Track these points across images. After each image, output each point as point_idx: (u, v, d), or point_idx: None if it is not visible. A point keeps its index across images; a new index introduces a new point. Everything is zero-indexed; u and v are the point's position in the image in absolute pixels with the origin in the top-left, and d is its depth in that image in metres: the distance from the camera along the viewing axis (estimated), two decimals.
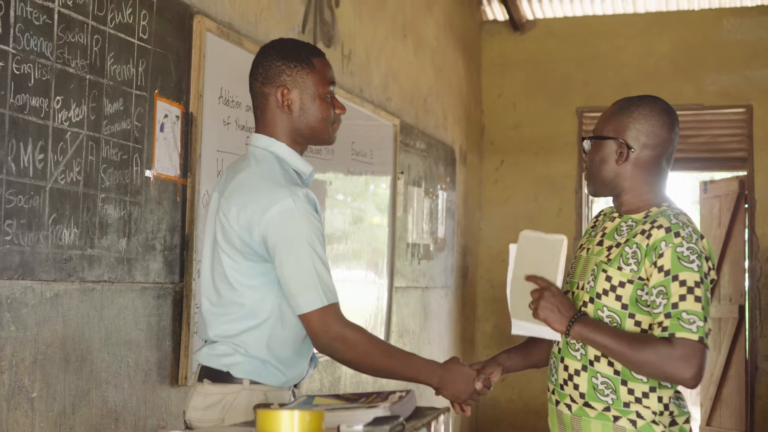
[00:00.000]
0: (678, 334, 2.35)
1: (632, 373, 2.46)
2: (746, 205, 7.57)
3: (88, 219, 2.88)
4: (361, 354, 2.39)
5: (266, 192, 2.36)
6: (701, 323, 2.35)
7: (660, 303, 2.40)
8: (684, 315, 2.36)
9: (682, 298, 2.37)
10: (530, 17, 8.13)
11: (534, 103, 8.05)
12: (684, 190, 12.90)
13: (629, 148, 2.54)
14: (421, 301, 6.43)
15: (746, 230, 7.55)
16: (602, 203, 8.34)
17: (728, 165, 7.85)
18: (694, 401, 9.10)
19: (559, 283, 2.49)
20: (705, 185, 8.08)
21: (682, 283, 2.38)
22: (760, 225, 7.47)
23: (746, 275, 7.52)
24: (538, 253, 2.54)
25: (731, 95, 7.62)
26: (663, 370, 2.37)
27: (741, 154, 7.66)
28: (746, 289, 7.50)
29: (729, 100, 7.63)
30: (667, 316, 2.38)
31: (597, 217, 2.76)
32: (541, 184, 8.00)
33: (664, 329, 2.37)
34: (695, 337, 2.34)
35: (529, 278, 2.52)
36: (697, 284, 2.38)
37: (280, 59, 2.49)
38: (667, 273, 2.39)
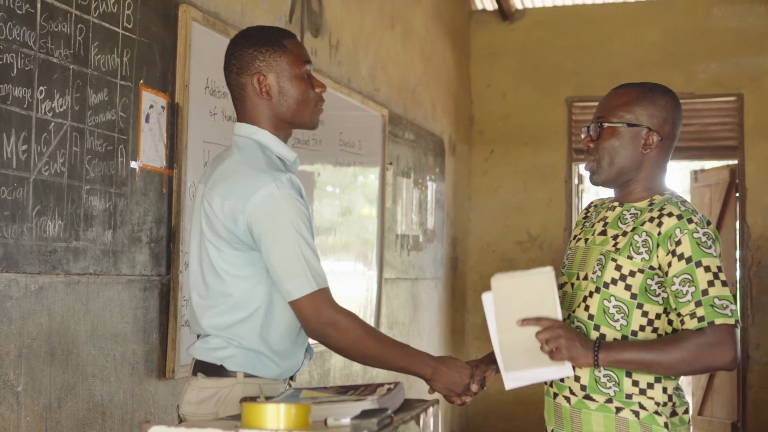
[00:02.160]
0: (717, 321, 2.34)
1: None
2: (737, 194, 7.54)
3: (72, 211, 2.84)
4: (353, 340, 2.35)
5: (249, 179, 2.33)
6: (733, 306, 2.36)
7: (687, 291, 2.37)
8: (716, 301, 2.35)
9: (710, 284, 2.36)
10: (519, 7, 8.09)
11: (523, 93, 8.02)
12: (674, 179, 12.89)
13: (659, 136, 2.50)
14: (410, 292, 6.41)
15: (737, 220, 7.53)
16: (592, 194, 8.32)
17: (719, 154, 7.82)
18: (685, 391, 9.10)
19: (560, 316, 2.37)
20: (695, 174, 8.06)
21: (707, 269, 2.37)
22: (750, 214, 7.45)
23: (737, 265, 7.49)
24: (523, 294, 2.36)
25: (722, 84, 7.59)
26: (702, 362, 2.37)
27: (732, 142, 7.64)
28: (737, 278, 7.48)
29: (720, 89, 7.61)
30: (698, 304, 2.36)
31: (588, 208, 2.73)
32: (531, 174, 7.97)
33: (700, 319, 2.35)
34: (732, 321, 2.35)
35: (526, 322, 2.35)
36: (719, 269, 2.38)
37: (250, 47, 2.45)
38: (689, 260, 2.37)
